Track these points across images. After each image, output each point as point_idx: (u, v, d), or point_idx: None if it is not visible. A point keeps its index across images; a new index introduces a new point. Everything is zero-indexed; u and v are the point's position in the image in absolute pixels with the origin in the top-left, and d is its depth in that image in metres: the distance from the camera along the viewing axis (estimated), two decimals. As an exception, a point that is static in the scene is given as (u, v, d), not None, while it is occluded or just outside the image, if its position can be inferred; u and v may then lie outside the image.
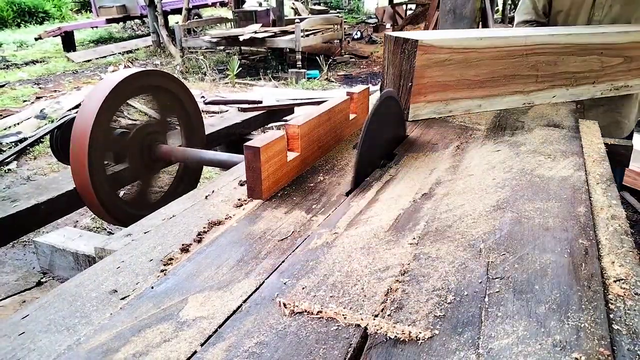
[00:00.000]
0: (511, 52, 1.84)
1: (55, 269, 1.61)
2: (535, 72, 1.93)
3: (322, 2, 18.44)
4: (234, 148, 2.93)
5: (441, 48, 1.71)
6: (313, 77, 8.13)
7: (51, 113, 5.77)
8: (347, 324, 0.73)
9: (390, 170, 1.34)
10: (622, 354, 0.68)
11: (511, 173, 1.29)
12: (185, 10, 10.34)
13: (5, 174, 4.37)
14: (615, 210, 1.10)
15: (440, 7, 4.49)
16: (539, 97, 2.00)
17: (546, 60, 1.93)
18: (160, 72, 2.24)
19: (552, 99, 2.03)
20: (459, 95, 1.84)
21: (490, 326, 0.72)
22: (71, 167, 1.85)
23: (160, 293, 0.82)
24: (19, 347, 0.71)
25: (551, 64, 1.95)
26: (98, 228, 3.36)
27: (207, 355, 0.68)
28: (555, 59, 1.95)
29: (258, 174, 1.14)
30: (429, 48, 1.69)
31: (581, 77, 2.03)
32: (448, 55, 1.73)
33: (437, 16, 8.29)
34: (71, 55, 10.26)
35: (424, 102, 1.78)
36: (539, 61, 1.91)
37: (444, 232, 1.00)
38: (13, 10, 15.22)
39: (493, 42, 1.81)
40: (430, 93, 1.77)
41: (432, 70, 1.73)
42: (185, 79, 7.75)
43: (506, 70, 1.86)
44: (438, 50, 1.71)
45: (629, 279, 0.84)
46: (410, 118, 1.76)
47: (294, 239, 0.99)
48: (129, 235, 1.06)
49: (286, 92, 5.61)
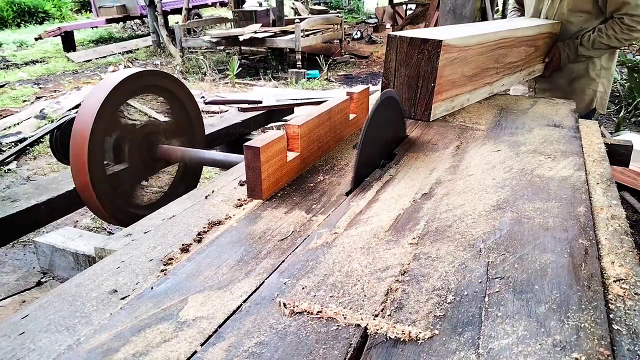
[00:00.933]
0: (489, 47, 1.97)
1: (55, 269, 1.61)
2: (496, 64, 2.05)
3: (322, 2, 18.44)
4: (234, 148, 2.92)
5: (454, 47, 1.76)
6: (313, 77, 8.12)
7: (51, 113, 5.77)
8: (347, 324, 0.73)
9: (390, 170, 1.34)
10: (622, 354, 0.68)
11: (511, 173, 1.29)
12: (185, 10, 10.33)
13: (5, 174, 4.36)
14: (615, 210, 1.10)
15: (440, 7, 4.49)
16: (496, 87, 2.12)
17: (503, 52, 2.06)
18: (160, 72, 2.23)
19: (501, 88, 2.16)
20: (459, 91, 1.90)
21: (490, 326, 0.72)
22: (71, 167, 1.85)
23: (160, 293, 0.82)
24: (19, 347, 0.71)
25: (504, 56, 2.08)
26: (98, 228, 3.35)
27: (207, 355, 0.68)
28: (507, 51, 2.08)
29: (258, 174, 1.14)
30: (448, 48, 1.72)
31: (516, 66, 2.22)
32: (457, 53, 1.78)
33: (437, 16, 8.28)
34: (71, 55, 10.25)
35: (440, 102, 1.81)
36: (500, 54, 2.05)
37: (444, 232, 1.00)
38: (13, 10, 15.21)
39: (480, 39, 1.90)
40: (444, 91, 1.81)
41: (447, 69, 1.77)
42: (185, 79, 7.75)
43: (484, 64, 1.98)
44: (451, 49, 1.75)
45: (629, 279, 0.84)
46: (432, 118, 1.78)
47: (294, 239, 0.99)
48: (129, 235, 1.06)
49: (286, 92, 5.60)
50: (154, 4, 9.99)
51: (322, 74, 8.22)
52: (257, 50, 10.22)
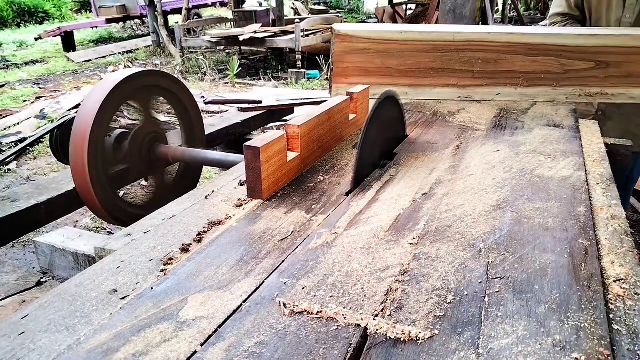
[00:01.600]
0: (437, 46, 1.99)
1: (55, 269, 1.61)
2: (471, 68, 2.02)
3: (322, 2, 18.44)
4: (234, 148, 2.93)
5: (359, 38, 1.99)
6: (313, 77, 8.13)
7: (51, 113, 5.77)
8: (347, 324, 0.73)
9: (390, 170, 1.34)
10: (622, 354, 0.68)
11: (511, 173, 1.29)
12: (185, 10, 10.34)
13: (5, 174, 4.36)
14: (615, 210, 1.10)
15: (440, 7, 4.49)
16: (478, 92, 2.06)
17: (483, 57, 1.99)
18: (160, 72, 2.24)
19: (496, 96, 2.06)
20: (382, 81, 2.03)
21: (490, 326, 0.72)
22: (71, 167, 1.85)
23: (160, 293, 0.82)
24: (19, 347, 0.71)
25: (490, 62, 2.00)
26: (98, 228, 3.35)
27: (207, 355, 0.68)
28: (495, 57, 1.99)
29: (258, 174, 1.14)
30: (345, 37, 2.00)
31: (535, 78, 2.00)
32: (367, 44, 2.00)
33: (437, 16, 8.29)
34: (71, 55, 10.25)
35: (346, 84, 2.03)
36: (474, 57, 2.00)
37: (444, 232, 1.00)
38: (13, 10, 15.21)
39: (413, 36, 1.99)
40: (352, 76, 2.05)
41: (352, 57, 2.02)
42: (185, 79, 7.75)
43: (434, 63, 2.01)
44: (356, 39, 1.99)
45: (629, 279, 0.84)
46: (332, 95, 2.02)
47: (294, 239, 0.99)
48: (129, 235, 1.06)
49: (286, 92, 5.60)
50: (154, 4, 9.99)
51: (322, 74, 8.22)
52: (257, 50, 10.22)
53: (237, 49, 10.10)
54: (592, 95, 2.00)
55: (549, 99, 2.02)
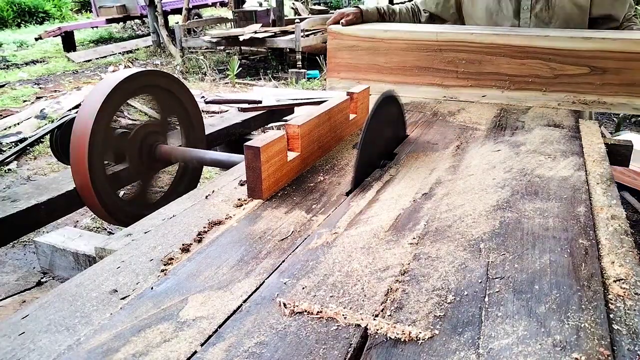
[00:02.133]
0: (420, 45, 2.03)
1: (55, 269, 1.61)
2: (455, 68, 2.02)
3: (322, 2, 18.43)
4: (234, 148, 2.92)
5: (349, 35, 2.12)
6: (313, 77, 8.12)
7: (51, 113, 5.76)
8: (347, 324, 0.73)
9: (390, 170, 1.34)
10: (622, 354, 0.68)
11: (511, 173, 1.29)
12: (185, 10, 10.33)
13: (5, 174, 4.36)
14: (615, 210, 1.10)
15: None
16: (463, 93, 2.04)
17: (467, 57, 1.99)
18: (160, 72, 2.23)
19: (481, 98, 2.00)
20: (370, 77, 2.13)
21: (490, 326, 0.72)
22: (71, 167, 1.85)
23: (160, 293, 0.82)
24: (19, 347, 0.71)
25: (474, 63, 1.98)
26: (98, 228, 3.35)
27: (207, 355, 0.68)
28: (479, 57, 1.96)
29: (258, 173, 1.14)
30: (337, 35, 2.14)
31: (522, 81, 1.93)
32: (355, 42, 2.11)
33: (437, 16, 8.23)
34: (71, 55, 10.25)
35: (338, 79, 2.19)
36: (458, 58, 2.00)
37: (444, 232, 1.00)
38: (13, 10, 15.20)
39: (398, 34, 2.06)
40: (343, 72, 2.19)
41: (343, 53, 2.16)
42: (185, 79, 7.74)
43: (418, 62, 2.06)
44: (346, 37, 2.12)
45: (629, 279, 0.84)
46: (327, 89, 2.20)
47: (294, 238, 0.99)
48: (129, 235, 1.06)
49: (286, 92, 5.59)
50: (154, 4, 9.98)
51: (322, 74, 8.22)
52: (257, 50, 10.22)
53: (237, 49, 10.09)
54: (587, 103, 1.89)
55: (538, 104, 1.93)
